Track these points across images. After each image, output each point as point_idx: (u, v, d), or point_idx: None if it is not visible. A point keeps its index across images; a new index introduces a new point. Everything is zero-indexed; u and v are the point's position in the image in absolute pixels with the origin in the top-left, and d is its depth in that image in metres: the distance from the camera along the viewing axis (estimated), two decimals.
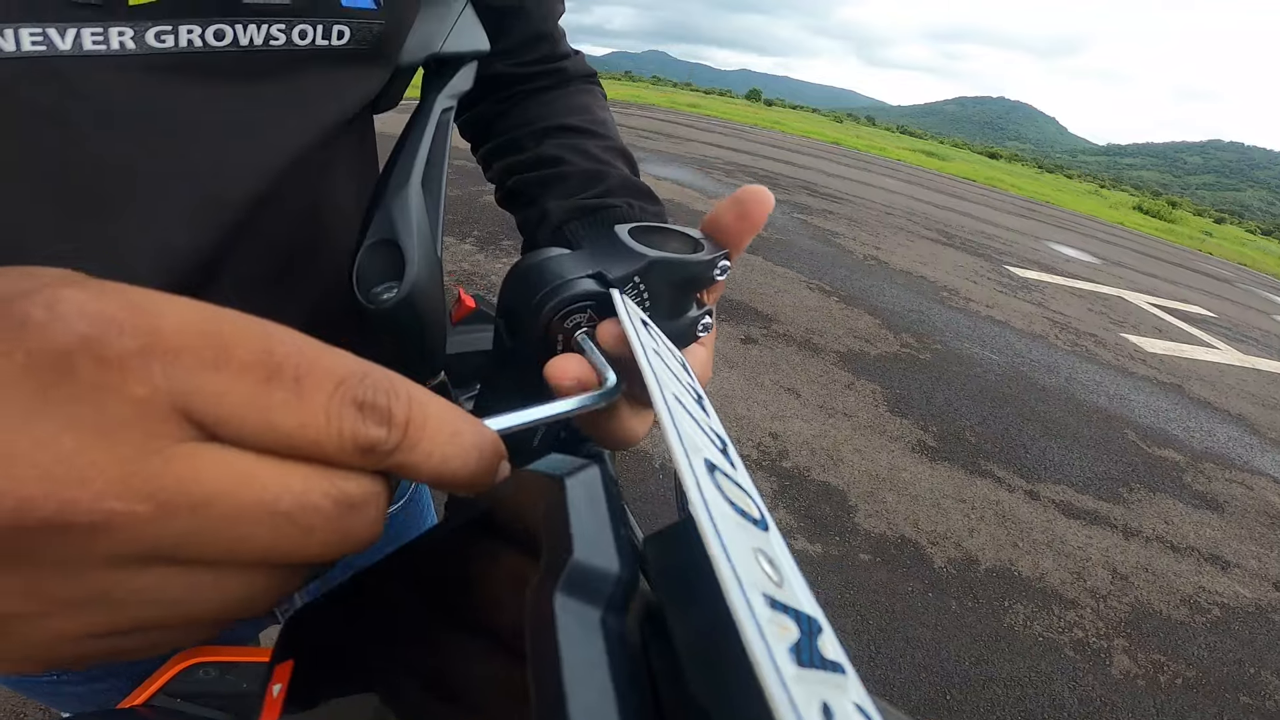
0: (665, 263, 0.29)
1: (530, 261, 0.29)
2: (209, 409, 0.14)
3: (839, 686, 0.12)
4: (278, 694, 0.23)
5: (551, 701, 0.13)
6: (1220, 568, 2.51)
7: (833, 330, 3.85)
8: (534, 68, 0.51)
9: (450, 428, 0.18)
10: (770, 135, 18.88)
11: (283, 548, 0.16)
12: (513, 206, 0.48)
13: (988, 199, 15.42)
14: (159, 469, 0.14)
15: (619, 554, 0.15)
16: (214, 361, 0.14)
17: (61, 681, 0.48)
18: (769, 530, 0.17)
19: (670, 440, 0.18)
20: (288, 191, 0.35)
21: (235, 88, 0.31)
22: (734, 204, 0.31)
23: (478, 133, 0.53)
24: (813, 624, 0.14)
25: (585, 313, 0.28)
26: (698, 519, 0.15)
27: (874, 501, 2.39)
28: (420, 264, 0.33)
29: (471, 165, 0.59)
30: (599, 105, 0.52)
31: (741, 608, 0.12)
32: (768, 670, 0.11)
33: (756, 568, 0.14)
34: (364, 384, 0.16)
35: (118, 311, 0.14)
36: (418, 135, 0.37)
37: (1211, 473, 3.25)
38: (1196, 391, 4.40)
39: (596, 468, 0.17)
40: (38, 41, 0.25)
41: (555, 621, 0.14)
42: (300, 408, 0.15)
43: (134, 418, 0.13)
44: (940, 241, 7.56)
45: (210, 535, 0.15)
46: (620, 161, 0.46)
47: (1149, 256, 12.54)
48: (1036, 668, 1.84)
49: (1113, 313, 6.16)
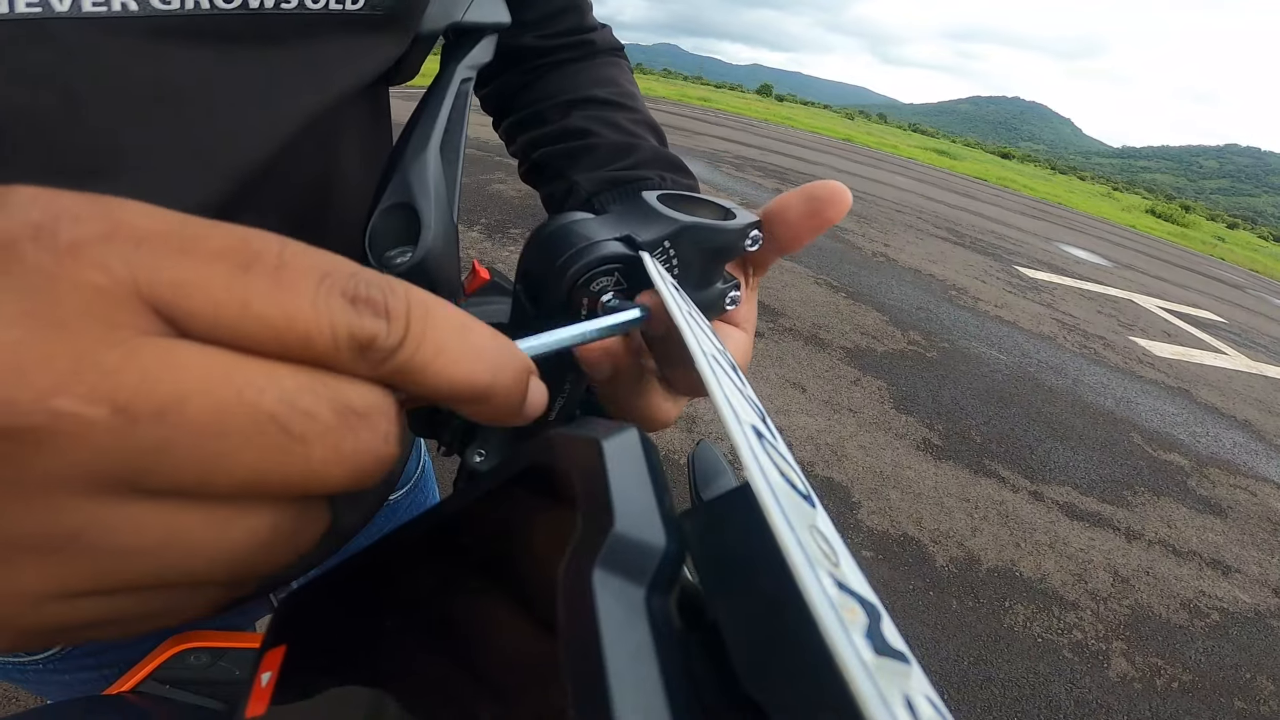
0: (696, 228, 0.28)
1: (555, 224, 0.28)
2: (178, 300, 0.12)
3: (907, 677, 0.11)
4: (267, 682, 0.21)
5: (593, 694, 0.11)
6: (1221, 572, 2.50)
7: (839, 326, 3.84)
8: (561, 39, 0.49)
9: (458, 321, 0.16)
10: (781, 131, 18.80)
11: (275, 467, 0.13)
12: (538, 181, 0.46)
13: (999, 199, 15.34)
14: (118, 363, 0.12)
15: (665, 527, 0.14)
16: (181, 248, 0.13)
17: (48, 670, 0.46)
18: (816, 507, 0.15)
19: (718, 402, 0.17)
20: (297, 161, 0.34)
21: (244, 53, 0.29)
22: (805, 198, 0.28)
23: (501, 105, 0.52)
24: (874, 609, 0.12)
25: (613, 276, 0.27)
26: (757, 489, 0.13)
27: (877, 498, 2.39)
28: (436, 229, 0.32)
29: (480, 154, 0.58)
30: (626, 78, 0.50)
31: (815, 589, 0.11)
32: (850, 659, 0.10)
33: (816, 546, 0.12)
34: (354, 278, 0.14)
35: (74, 202, 0.12)
36: (436, 103, 0.36)
37: (1216, 478, 3.24)
38: (1204, 396, 4.37)
39: (636, 430, 0.16)
40: (33, 3, 0.23)
41: (595, 600, 0.12)
42: (282, 297, 0.13)
43: (90, 307, 0.12)
44: (950, 240, 7.52)
45: (183, 450, 0.12)
46: (650, 134, 0.45)
47: (1160, 260, 12.47)
48: (1034, 669, 1.84)
49: (1122, 315, 6.13)
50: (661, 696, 0.11)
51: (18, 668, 0.46)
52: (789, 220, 0.29)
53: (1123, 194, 61.87)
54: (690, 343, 0.19)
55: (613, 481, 0.14)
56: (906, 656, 0.12)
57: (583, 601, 0.12)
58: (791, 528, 0.12)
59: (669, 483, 0.15)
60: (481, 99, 0.53)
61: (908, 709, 0.10)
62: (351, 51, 0.34)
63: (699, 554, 0.14)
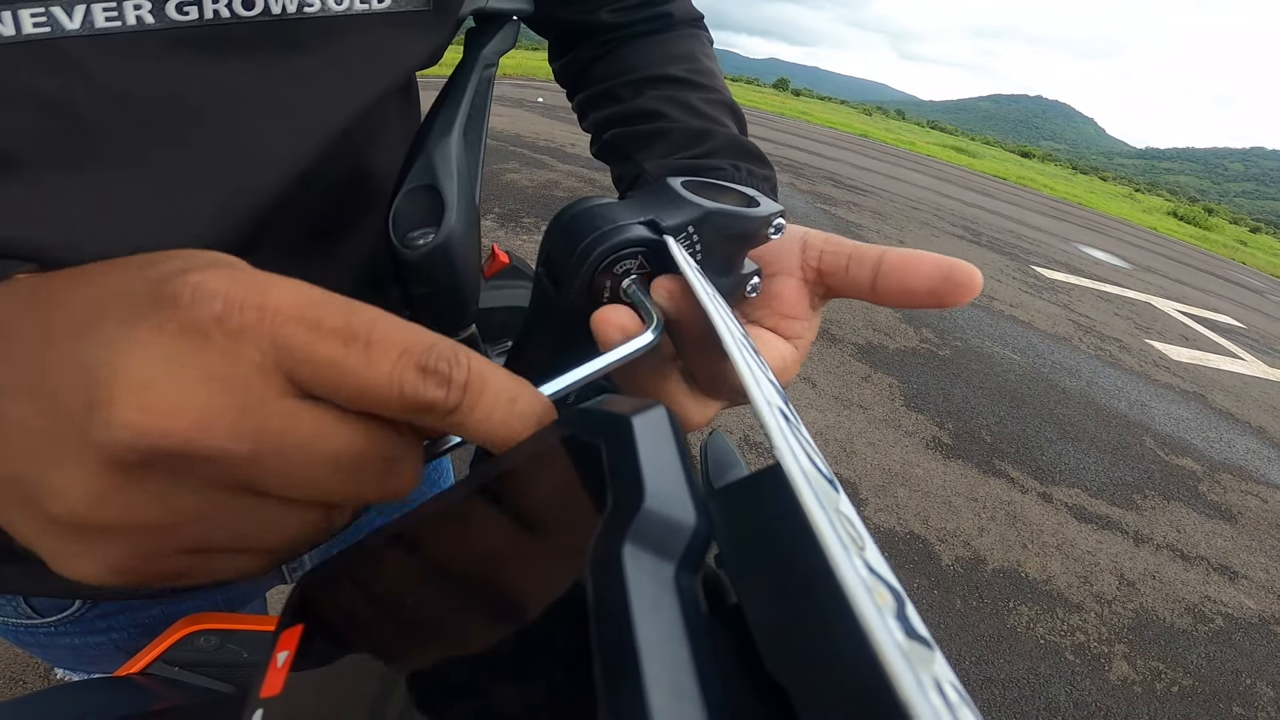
0: (721, 214, 0.28)
1: (578, 207, 0.28)
2: (302, 370, 0.17)
3: (933, 663, 0.11)
4: (283, 662, 0.21)
5: (624, 672, 0.11)
6: (1228, 578, 2.49)
7: (851, 322, 3.82)
8: (638, 14, 0.47)
9: (509, 394, 0.19)
10: (796, 125, 18.62)
11: (337, 490, 0.18)
12: (609, 160, 0.45)
13: (1018, 198, 15.14)
14: (262, 420, 0.17)
15: (695, 505, 0.14)
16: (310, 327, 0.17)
17: (58, 633, 0.46)
18: (840, 492, 0.15)
19: (745, 379, 0.17)
20: (330, 166, 0.33)
21: (268, 62, 0.29)
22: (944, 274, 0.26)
23: (574, 80, 0.50)
24: (899, 594, 0.12)
25: (636, 259, 0.27)
26: (788, 470, 0.13)
27: (885, 496, 2.39)
28: (459, 211, 0.32)
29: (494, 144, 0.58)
30: (704, 52, 0.48)
31: (849, 570, 0.11)
32: (887, 642, 0.10)
33: (844, 530, 0.12)
34: (430, 352, 0.18)
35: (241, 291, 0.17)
36: (460, 89, 0.36)
37: (1228, 483, 3.21)
38: (1219, 402, 4.32)
39: (663, 407, 0.16)
40: (40, 23, 0.22)
41: (625, 575, 0.12)
42: (369, 368, 0.17)
43: (249, 376, 0.17)
44: (966, 239, 7.45)
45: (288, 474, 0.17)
46: (728, 116, 0.43)
47: (1180, 263, 12.29)
48: (1036, 670, 1.84)
49: (1139, 318, 6.05)
50: (692, 674, 0.11)
51: (28, 629, 0.46)
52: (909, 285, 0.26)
53: (1145, 195, 60.89)
54: (717, 322, 0.20)
55: (643, 457, 0.14)
56: (931, 642, 0.11)
57: (613, 577, 0.12)
58: (824, 509, 0.12)
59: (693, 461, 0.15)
60: (555, 72, 0.52)
61: (939, 693, 0.10)
62: (380, 51, 0.33)
63: (725, 535, 0.14)
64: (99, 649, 0.48)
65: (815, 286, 0.30)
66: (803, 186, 7.78)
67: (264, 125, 0.30)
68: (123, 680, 0.37)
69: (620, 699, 0.11)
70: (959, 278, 0.25)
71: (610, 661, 0.11)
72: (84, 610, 0.45)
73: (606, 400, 0.17)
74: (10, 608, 0.44)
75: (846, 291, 0.29)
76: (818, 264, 0.30)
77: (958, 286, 0.25)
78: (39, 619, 0.45)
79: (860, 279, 0.28)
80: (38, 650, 0.49)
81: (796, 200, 6.85)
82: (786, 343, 0.30)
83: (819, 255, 0.30)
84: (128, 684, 0.37)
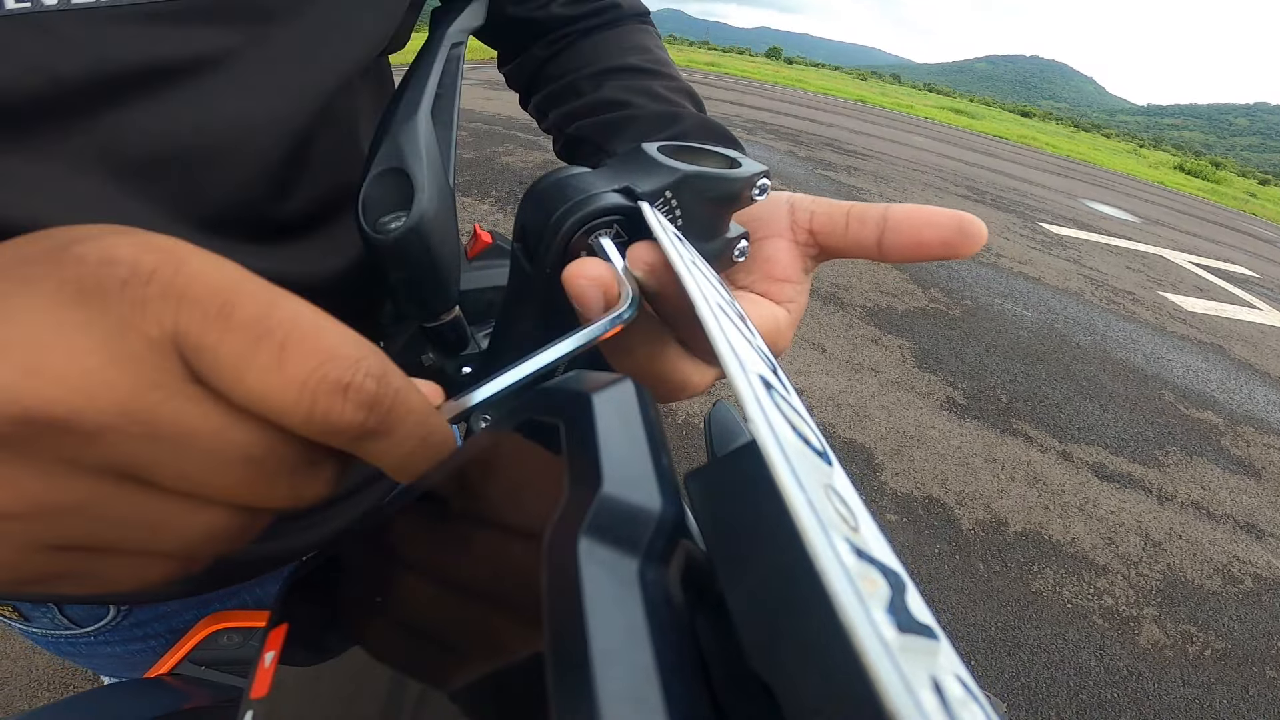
0: (699, 177, 0.27)
1: (551, 178, 0.27)
2: (201, 359, 0.16)
3: (935, 655, 0.10)
4: (270, 662, 0.21)
5: (575, 683, 0.10)
6: (1255, 536, 2.41)
7: (859, 285, 3.74)
8: (587, 6, 0.48)
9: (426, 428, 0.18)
10: (791, 93, 18.39)
11: (242, 492, 0.17)
12: (575, 155, 0.45)
13: (1021, 157, 14.93)
14: (156, 403, 0.15)
15: (661, 489, 0.13)
16: (217, 313, 0.15)
17: (99, 642, 0.47)
18: (833, 465, 0.14)
19: (716, 344, 0.16)
20: (311, 144, 0.34)
21: (244, 35, 0.29)
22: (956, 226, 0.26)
23: (528, 80, 0.50)
24: (897, 579, 0.11)
25: (611, 228, 0.26)
26: (762, 442, 0.12)
27: (901, 460, 2.33)
28: (430, 191, 0.31)
29: (488, 127, 0.52)
30: (656, 44, 0.49)
31: (827, 556, 0.10)
32: (869, 639, 0.09)
33: (831, 508, 0.11)
34: (356, 366, 0.16)
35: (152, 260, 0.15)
36: (425, 68, 0.36)
37: (1251, 437, 3.12)
38: (1237, 353, 4.23)
39: (630, 383, 0.15)
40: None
41: (579, 573, 0.11)
42: (276, 374, 0.16)
43: (145, 353, 0.15)
44: (971, 198, 7.34)
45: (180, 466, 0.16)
46: (689, 101, 0.44)
47: (1190, 216, 12.10)
48: (1064, 635, 1.78)
49: (1151, 271, 5.95)
50: (656, 685, 0.10)
51: (69, 640, 0.47)
52: (922, 238, 0.26)
53: (1149, 151, 60.45)
54: (690, 288, 0.19)
55: (601, 438, 0.13)
56: (934, 632, 0.10)
57: (567, 574, 0.11)
58: (802, 486, 0.11)
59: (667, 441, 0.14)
60: (506, 75, 0.53)
61: (935, 692, 0.09)
62: (351, 24, 0.33)
63: (705, 519, 0.14)
64: (139, 656, 0.48)
65: (807, 248, 0.30)
66: (802, 154, 7.68)
67: (245, 100, 0.30)
68: (153, 682, 0.38)
69: (571, 714, 0.10)
70: (969, 228, 0.26)
71: (562, 670, 0.10)
72: (120, 618, 0.46)
73: (572, 378, 0.16)
74: (47, 619, 0.45)
75: (846, 251, 0.29)
76: (809, 225, 0.30)
77: (969, 237, 0.26)
78: (77, 629, 0.46)
79: (863, 236, 0.28)
80: (82, 660, 0.50)
81: (796, 167, 6.74)
82: (779, 306, 0.30)
83: (810, 216, 0.30)
84: (158, 685, 0.38)
